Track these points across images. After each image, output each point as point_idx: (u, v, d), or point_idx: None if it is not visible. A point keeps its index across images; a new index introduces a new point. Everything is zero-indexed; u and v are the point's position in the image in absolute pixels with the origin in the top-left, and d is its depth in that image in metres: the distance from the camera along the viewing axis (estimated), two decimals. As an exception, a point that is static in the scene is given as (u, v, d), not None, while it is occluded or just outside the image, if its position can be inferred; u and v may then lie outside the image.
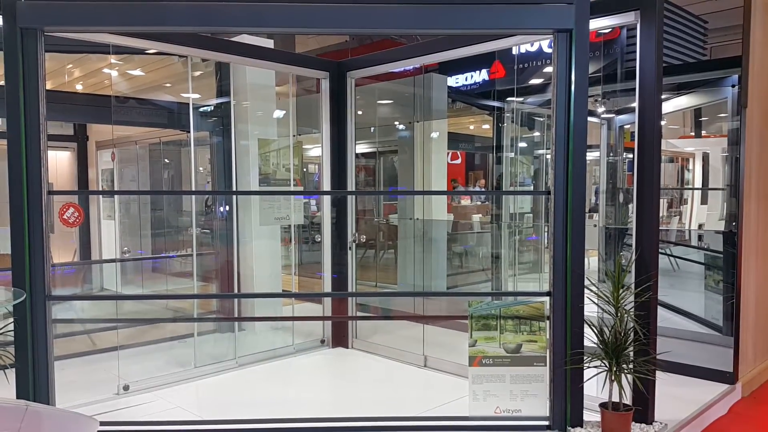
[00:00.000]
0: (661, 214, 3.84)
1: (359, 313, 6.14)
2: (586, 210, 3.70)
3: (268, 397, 4.34)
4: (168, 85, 7.01)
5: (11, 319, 3.38)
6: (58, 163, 8.43)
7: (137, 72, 6.80)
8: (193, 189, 5.57)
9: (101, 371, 4.76)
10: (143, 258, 7.14)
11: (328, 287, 5.62)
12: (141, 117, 6.65)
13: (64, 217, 3.96)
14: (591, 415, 3.58)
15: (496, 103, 7.07)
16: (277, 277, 6.00)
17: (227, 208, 5.91)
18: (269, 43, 5.84)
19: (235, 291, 5.71)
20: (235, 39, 5.20)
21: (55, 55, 6.43)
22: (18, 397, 3.37)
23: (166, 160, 8.36)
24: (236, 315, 5.82)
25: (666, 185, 7.67)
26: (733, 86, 5.24)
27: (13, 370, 3.39)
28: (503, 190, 7.04)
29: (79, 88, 7.53)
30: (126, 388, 4.34)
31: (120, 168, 8.15)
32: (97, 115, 6.87)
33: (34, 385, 3.43)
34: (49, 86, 3.46)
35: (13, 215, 3.36)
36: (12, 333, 3.38)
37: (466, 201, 10.83)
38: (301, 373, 5.02)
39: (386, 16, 3.39)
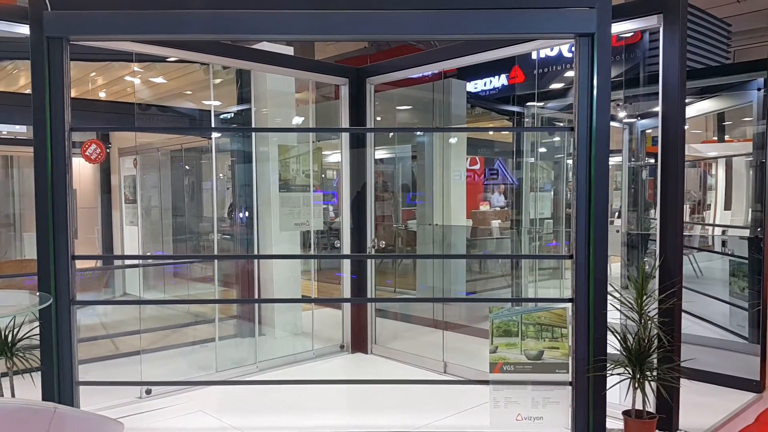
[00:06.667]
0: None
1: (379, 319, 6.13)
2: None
3: (288, 401, 4.34)
4: (189, 92, 7.09)
5: (37, 323, 3.43)
6: (81, 169, 8.54)
7: (159, 80, 6.89)
8: (214, 195, 5.60)
9: (124, 375, 4.80)
10: (165, 263, 7.20)
11: (347, 291, 5.62)
12: (163, 124, 6.73)
13: (87, 153, 3.99)
14: (614, 423, 3.54)
15: (515, 108, 7.04)
16: (297, 282, 6.02)
17: (247, 214, 5.95)
18: (289, 51, 5.88)
19: (256, 296, 5.74)
20: (256, 46, 5.25)
21: (79, 64, 6.54)
22: (43, 400, 3.41)
23: (187, 167, 8.44)
24: (256, 319, 5.85)
25: (688, 190, 7.57)
26: (758, 89, 5.16)
27: (39, 373, 3.44)
28: (525, 126, 6.94)
29: (102, 95, 7.64)
30: (148, 391, 4.37)
31: (142, 174, 8.24)
32: (120, 123, 6.97)
33: (59, 388, 3.47)
34: (73, 94, 3.52)
35: (39, 222, 3.41)
36: (38, 337, 3.43)
37: (485, 207, 10.78)
38: (321, 378, 5.02)
39: (406, 22, 3.40)
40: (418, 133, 7.85)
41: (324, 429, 3.68)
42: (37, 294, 3.33)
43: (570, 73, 7.05)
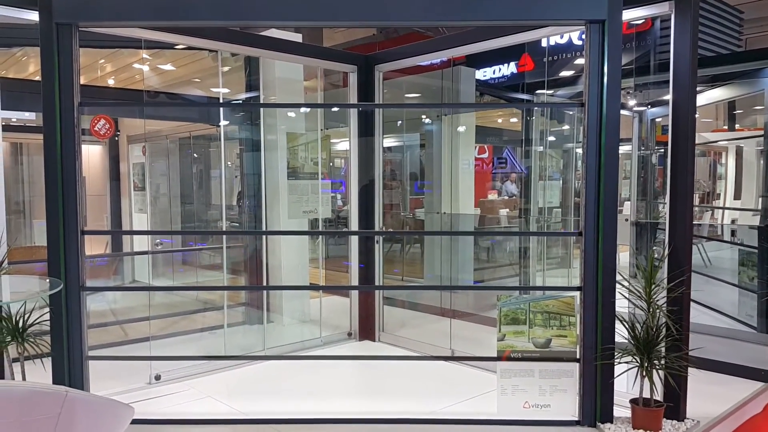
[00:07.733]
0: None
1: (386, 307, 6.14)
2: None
3: (297, 388, 4.38)
4: (198, 80, 7.09)
5: (47, 309, 3.46)
6: (90, 157, 8.57)
7: (168, 67, 6.89)
8: (223, 182, 5.62)
9: (133, 361, 4.83)
10: (174, 250, 7.25)
11: (355, 279, 5.64)
12: (171, 111, 6.73)
13: (96, 128, 4.03)
14: (621, 411, 3.55)
15: (525, 96, 7.00)
16: (305, 270, 6.04)
17: (255, 202, 5.97)
18: (297, 38, 5.86)
19: (264, 283, 5.77)
20: (264, 33, 5.23)
21: (88, 50, 6.53)
22: (54, 384, 3.45)
23: (195, 155, 8.46)
24: (265, 307, 5.88)
25: (697, 179, 7.52)
26: (771, 77, 5.11)
27: (50, 359, 3.48)
28: (535, 102, 6.84)
29: (110, 82, 7.65)
30: (158, 377, 4.41)
31: (151, 162, 8.27)
32: (129, 110, 6.98)
33: (70, 373, 3.51)
34: (82, 81, 3.53)
35: (49, 210, 3.43)
36: (48, 323, 3.47)
37: (493, 195, 10.75)
38: (329, 365, 5.05)
39: (416, 8, 3.39)
40: (427, 121, 7.81)
41: (332, 414, 3.70)
42: (47, 279, 3.36)
43: (580, 61, 7.00)
